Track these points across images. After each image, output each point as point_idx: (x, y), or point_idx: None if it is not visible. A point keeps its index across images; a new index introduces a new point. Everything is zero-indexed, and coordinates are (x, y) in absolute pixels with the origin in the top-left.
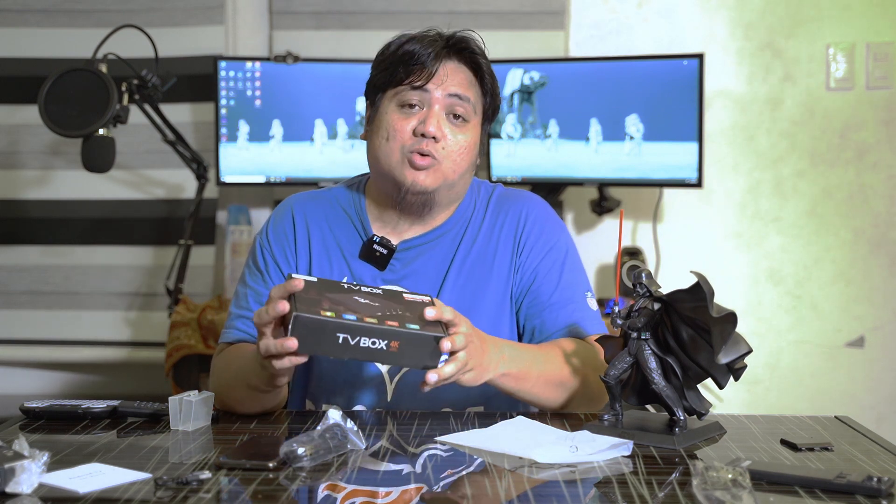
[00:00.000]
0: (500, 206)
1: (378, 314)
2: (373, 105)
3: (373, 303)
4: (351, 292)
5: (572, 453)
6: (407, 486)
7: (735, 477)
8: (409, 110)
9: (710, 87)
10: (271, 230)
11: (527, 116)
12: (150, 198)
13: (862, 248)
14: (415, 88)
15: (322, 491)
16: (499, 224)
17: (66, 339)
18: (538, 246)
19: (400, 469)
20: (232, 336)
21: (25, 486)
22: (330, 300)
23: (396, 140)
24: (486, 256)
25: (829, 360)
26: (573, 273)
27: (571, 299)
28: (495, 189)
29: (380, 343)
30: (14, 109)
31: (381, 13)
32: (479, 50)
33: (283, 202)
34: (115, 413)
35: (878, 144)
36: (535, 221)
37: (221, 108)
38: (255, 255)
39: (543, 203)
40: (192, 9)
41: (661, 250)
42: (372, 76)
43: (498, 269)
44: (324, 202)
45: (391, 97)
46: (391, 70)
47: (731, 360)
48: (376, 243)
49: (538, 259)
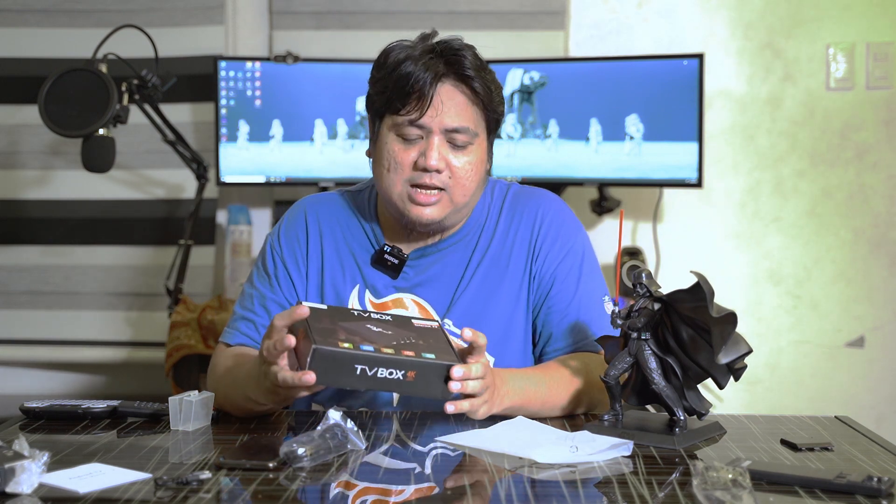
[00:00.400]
0: (515, 207)
1: (394, 343)
2: (373, 122)
3: (385, 331)
4: (362, 320)
5: (572, 453)
6: (412, 485)
7: (735, 477)
8: (409, 142)
9: (710, 87)
10: (283, 233)
11: (527, 116)
12: (150, 198)
13: (862, 248)
14: (412, 124)
15: (334, 488)
16: (514, 226)
17: (66, 339)
18: (555, 250)
19: (402, 468)
20: (234, 339)
21: (25, 486)
22: (345, 330)
23: (398, 173)
24: (500, 260)
25: (829, 360)
26: (590, 277)
27: (589, 306)
28: (510, 189)
29: (397, 373)
30: (14, 109)
31: (381, 13)
32: (474, 67)
33: (297, 204)
34: (115, 413)
35: (878, 144)
36: (552, 225)
37: (221, 108)
38: (264, 256)
39: (560, 202)
40: (192, 9)
41: (661, 250)
42: (370, 91)
43: (512, 274)
44: (337, 206)
45: (389, 126)
46: (387, 95)
47: (731, 360)
48: (387, 253)
49: (555, 264)
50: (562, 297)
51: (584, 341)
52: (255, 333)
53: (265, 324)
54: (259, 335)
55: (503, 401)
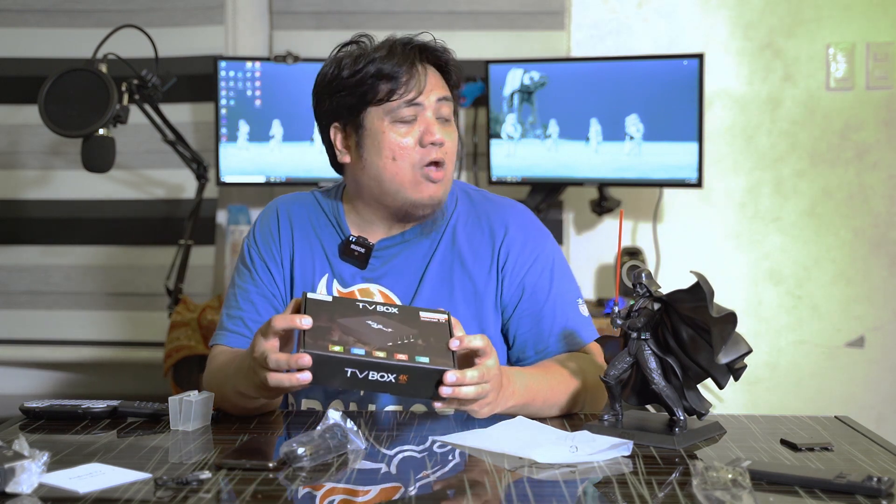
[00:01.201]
0: (481, 210)
1: (389, 344)
2: (349, 126)
3: (386, 328)
4: (365, 314)
5: (572, 453)
6: (411, 486)
7: (735, 477)
8: (406, 124)
9: (710, 87)
10: (258, 230)
11: (527, 116)
12: (150, 198)
13: (862, 248)
14: (409, 104)
15: (333, 493)
16: (480, 230)
17: (66, 339)
18: (523, 257)
19: (401, 470)
20: (224, 339)
21: (25, 486)
22: (340, 328)
23: (405, 158)
24: (464, 258)
25: (829, 360)
26: (563, 281)
27: (564, 310)
28: (476, 191)
29: (388, 377)
30: (14, 109)
31: (381, 13)
32: (441, 48)
33: (269, 204)
34: (115, 413)
35: (878, 144)
36: (518, 231)
37: (221, 108)
38: (242, 255)
39: (526, 211)
40: (192, 9)
41: (661, 250)
42: (329, 103)
43: (476, 276)
44: (307, 203)
45: (381, 115)
46: (372, 88)
47: (731, 360)
48: (353, 243)
49: (524, 270)
50: (535, 302)
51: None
52: (244, 329)
53: (253, 318)
54: (248, 330)
55: (508, 400)
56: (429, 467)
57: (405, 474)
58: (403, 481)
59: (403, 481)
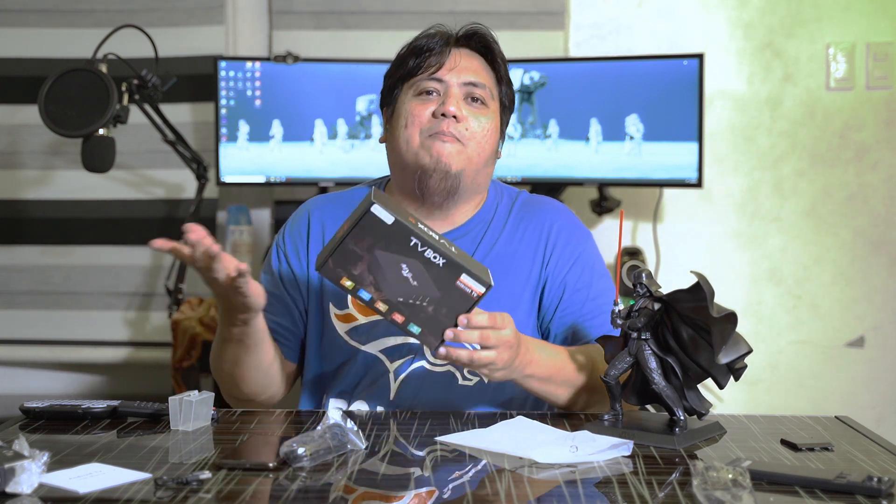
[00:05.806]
0: (524, 213)
1: (399, 300)
2: (389, 107)
3: (412, 280)
4: (409, 255)
5: (572, 453)
6: (411, 490)
7: (735, 477)
8: (428, 97)
9: (710, 87)
10: (287, 231)
11: (527, 116)
12: (150, 198)
13: (862, 248)
14: (431, 78)
15: (333, 492)
16: (521, 230)
17: (66, 339)
18: (565, 256)
19: (401, 471)
20: None
21: (25, 486)
22: (369, 263)
23: (415, 125)
24: (504, 260)
25: (829, 360)
26: (601, 281)
27: (602, 310)
28: (520, 195)
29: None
30: (14, 109)
31: (381, 13)
32: (489, 36)
33: (303, 205)
34: (115, 413)
35: (878, 144)
36: (561, 231)
37: (221, 108)
38: (269, 257)
39: (568, 211)
40: (192, 9)
41: (661, 250)
42: (385, 84)
43: (515, 276)
44: (342, 203)
45: (407, 89)
46: (404, 65)
47: (731, 360)
48: None
49: (565, 270)
50: (575, 301)
51: None
52: None
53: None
54: None
55: (525, 367)
56: (429, 468)
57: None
58: (403, 482)
59: (403, 482)
